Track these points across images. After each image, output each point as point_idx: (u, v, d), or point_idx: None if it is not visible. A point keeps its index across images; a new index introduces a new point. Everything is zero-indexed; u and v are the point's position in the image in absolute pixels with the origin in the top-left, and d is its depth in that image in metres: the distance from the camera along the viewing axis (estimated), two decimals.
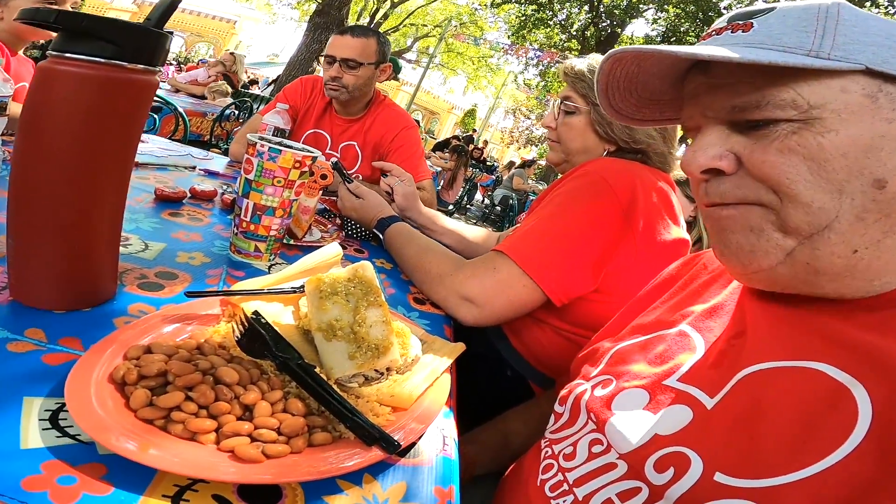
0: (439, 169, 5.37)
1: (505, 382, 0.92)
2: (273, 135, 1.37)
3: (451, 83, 23.94)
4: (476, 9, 15.10)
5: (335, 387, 0.43)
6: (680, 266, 0.63)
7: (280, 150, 0.67)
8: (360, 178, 1.59)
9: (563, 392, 0.55)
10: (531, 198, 6.82)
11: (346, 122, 1.59)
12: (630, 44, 12.18)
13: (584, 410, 0.50)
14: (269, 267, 0.72)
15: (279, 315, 0.53)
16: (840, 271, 0.39)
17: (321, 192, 0.84)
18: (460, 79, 21.26)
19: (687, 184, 2.07)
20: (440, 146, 7.57)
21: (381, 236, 0.96)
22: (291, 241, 0.83)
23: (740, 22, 0.41)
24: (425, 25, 17.06)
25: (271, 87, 6.46)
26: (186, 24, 15.52)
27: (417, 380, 0.49)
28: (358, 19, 15.67)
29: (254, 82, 8.33)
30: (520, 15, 12.05)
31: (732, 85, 0.40)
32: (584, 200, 0.78)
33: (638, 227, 0.77)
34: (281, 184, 0.68)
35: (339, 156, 1.58)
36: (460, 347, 0.59)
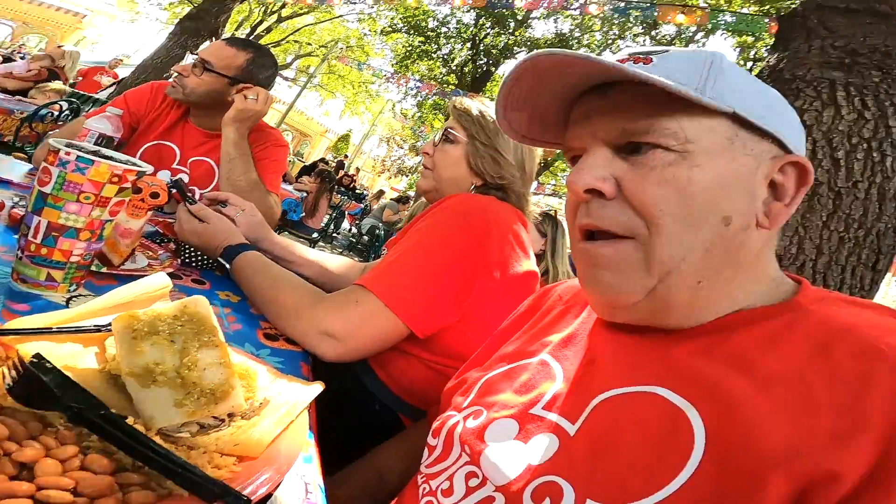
0: (304, 194, 5.15)
1: (373, 417, 0.91)
2: (97, 142, 1.16)
3: (328, 106, 23.61)
4: (365, 34, 15.33)
5: (157, 438, 0.37)
6: (537, 297, 0.68)
7: (92, 161, 0.57)
8: None
9: (435, 424, 0.55)
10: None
11: (205, 135, 1.44)
12: (500, 83, 13.50)
13: (458, 443, 0.50)
14: (68, 300, 0.60)
15: (75, 358, 0.44)
16: (687, 301, 0.43)
17: (151, 212, 0.74)
18: (338, 102, 21.09)
19: (541, 221, 2.37)
20: (307, 170, 7.29)
21: (227, 266, 0.87)
22: (104, 269, 0.70)
23: (641, 56, 0.46)
24: (310, 44, 16.71)
25: (112, 90, 5.58)
26: (18, 11, 12.57)
27: (268, 424, 0.45)
28: (237, 29, 14.64)
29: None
30: (407, 45, 12.61)
31: (626, 110, 0.44)
32: (443, 234, 0.84)
33: (493, 260, 0.84)
34: (90, 200, 0.58)
35: (188, 171, 1.41)
36: (319, 386, 0.57)
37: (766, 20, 5.02)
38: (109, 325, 0.44)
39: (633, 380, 0.43)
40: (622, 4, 6.16)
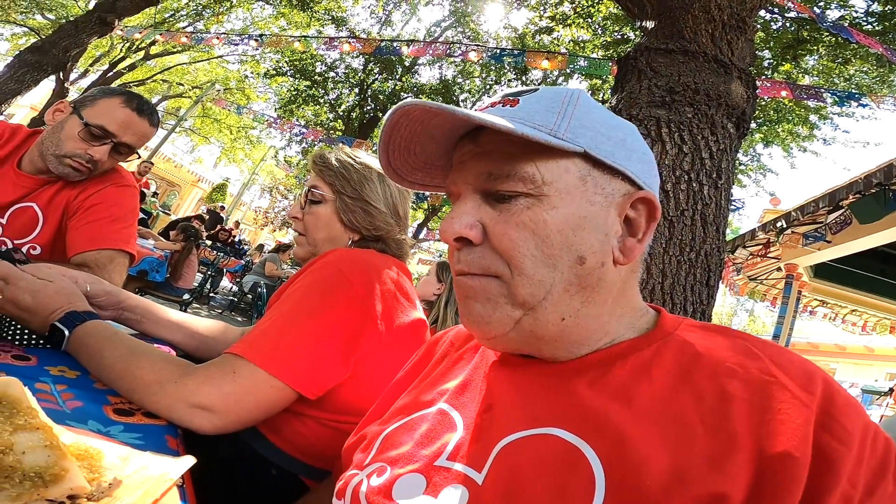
0: (168, 252, 4.68)
1: (271, 483, 0.86)
2: None
3: (201, 152, 22.11)
4: (247, 76, 14.75)
5: None
6: (429, 346, 0.70)
7: None
8: (38, 249, 1.28)
9: (339, 484, 0.54)
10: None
11: (33, 180, 1.28)
12: None
13: (365, 502, 0.49)
14: None
15: None
16: (554, 336, 0.47)
17: None
18: (212, 148, 19.80)
19: (441, 269, 2.45)
20: (177, 224, 6.70)
21: (66, 332, 0.77)
22: None
23: (511, 98, 0.49)
24: (181, 84, 15.53)
25: None
26: None
27: None
28: (93, 64, 13.26)
29: None
30: (292, 89, 12.43)
31: (493, 153, 0.47)
32: (322, 293, 0.83)
33: (377, 313, 0.85)
34: None
35: (4, 221, 1.24)
36: (187, 461, 0.53)
37: (610, 63, 5.92)
38: None
39: (530, 422, 0.45)
40: (497, 52, 6.97)
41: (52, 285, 0.82)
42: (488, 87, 11.76)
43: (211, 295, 7.65)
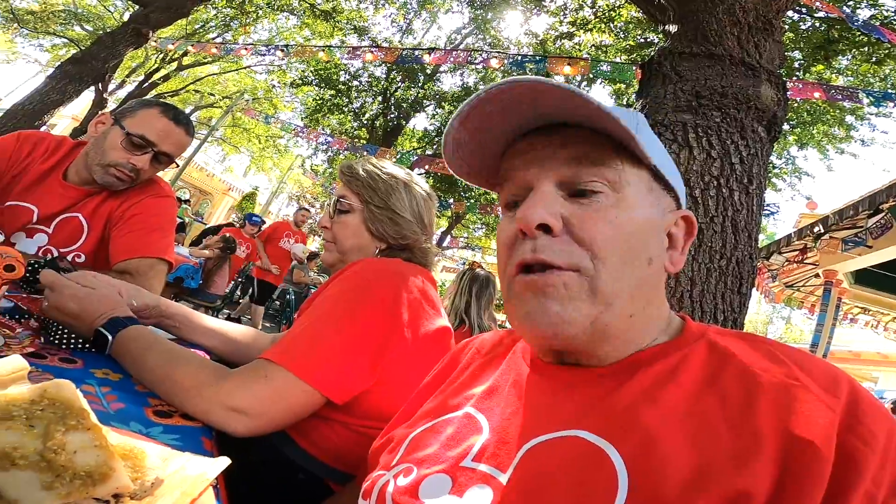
0: (202, 260, 4.84)
1: (298, 486, 0.88)
2: None
3: (231, 161, 22.77)
4: (274, 85, 15.13)
5: None
6: (456, 353, 0.72)
7: None
8: (83, 258, 1.34)
9: (365, 484, 0.56)
10: (312, 291, 6.79)
11: (78, 191, 1.36)
12: (410, 137, 14.09)
13: (391, 502, 0.50)
14: None
15: None
16: (621, 333, 0.48)
17: (6, 286, 0.68)
18: (242, 158, 20.30)
19: (464, 276, 2.53)
20: (210, 232, 6.91)
21: (109, 337, 0.81)
22: None
23: None
24: (212, 94, 16.04)
25: None
26: None
27: None
28: (129, 75, 13.86)
29: None
30: (317, 98, 12.66)
31: (578, 149, 0.49)
32: (351, 302, 0.86)
33: (403, 321, 0.87)
34: None
35: (50, 231, 1.30)
36: (222, 462, 0.55)
37: (634, 68, 5.83)
38: None
39: (556, 425, 0.46)
40: (519, 58, 6.96)
41: (96, 292, 0.87)
42: None
43: (240, 301, 7.84)
